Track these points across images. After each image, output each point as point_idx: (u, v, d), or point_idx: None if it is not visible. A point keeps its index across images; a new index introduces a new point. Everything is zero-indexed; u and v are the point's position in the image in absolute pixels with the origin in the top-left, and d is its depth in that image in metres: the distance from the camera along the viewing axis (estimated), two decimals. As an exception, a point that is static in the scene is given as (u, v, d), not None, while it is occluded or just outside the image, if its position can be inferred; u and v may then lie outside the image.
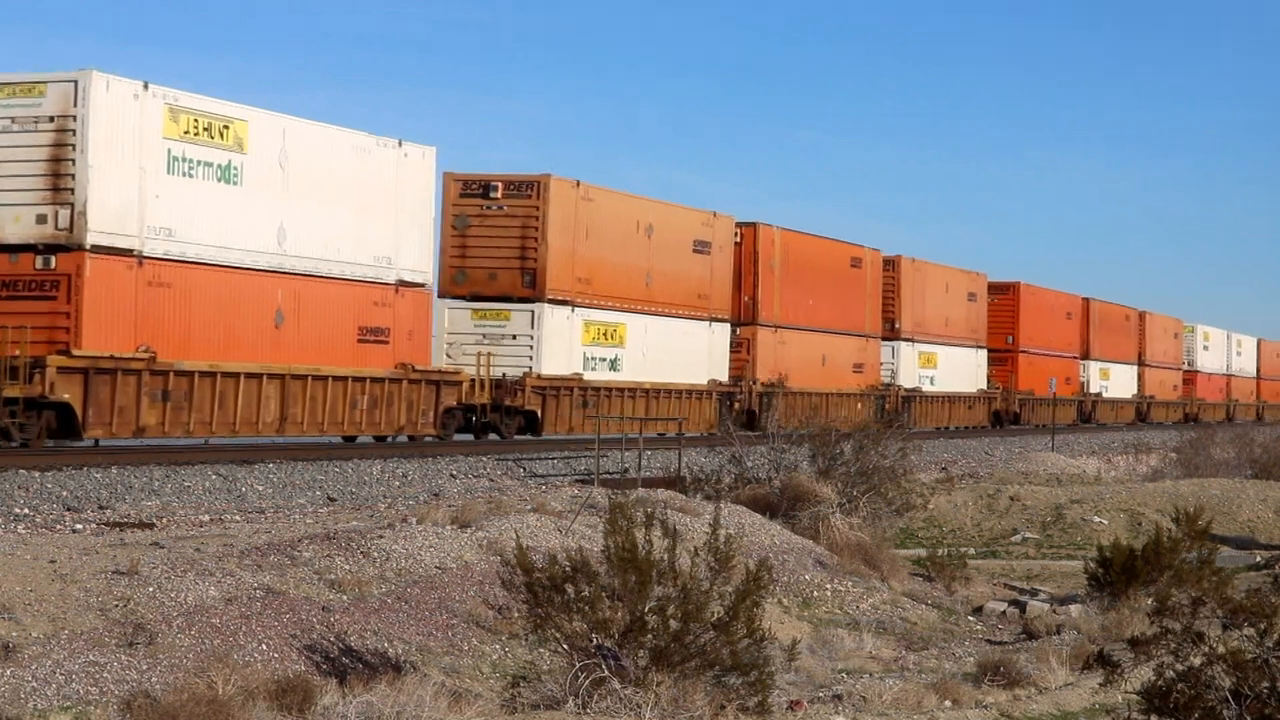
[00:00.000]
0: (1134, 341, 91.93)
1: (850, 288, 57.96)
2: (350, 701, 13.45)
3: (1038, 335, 76.10)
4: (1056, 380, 75.69)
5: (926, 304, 64.88)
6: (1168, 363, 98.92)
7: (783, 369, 52.21)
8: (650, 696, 13.77)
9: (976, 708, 15.70)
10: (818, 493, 26.99)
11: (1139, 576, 21.68)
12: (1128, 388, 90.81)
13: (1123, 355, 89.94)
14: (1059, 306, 79.83)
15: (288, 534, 19.45)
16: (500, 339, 40.94)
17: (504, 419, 40.10)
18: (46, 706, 13.03)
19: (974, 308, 69.78)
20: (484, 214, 41.14)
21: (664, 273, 46.36)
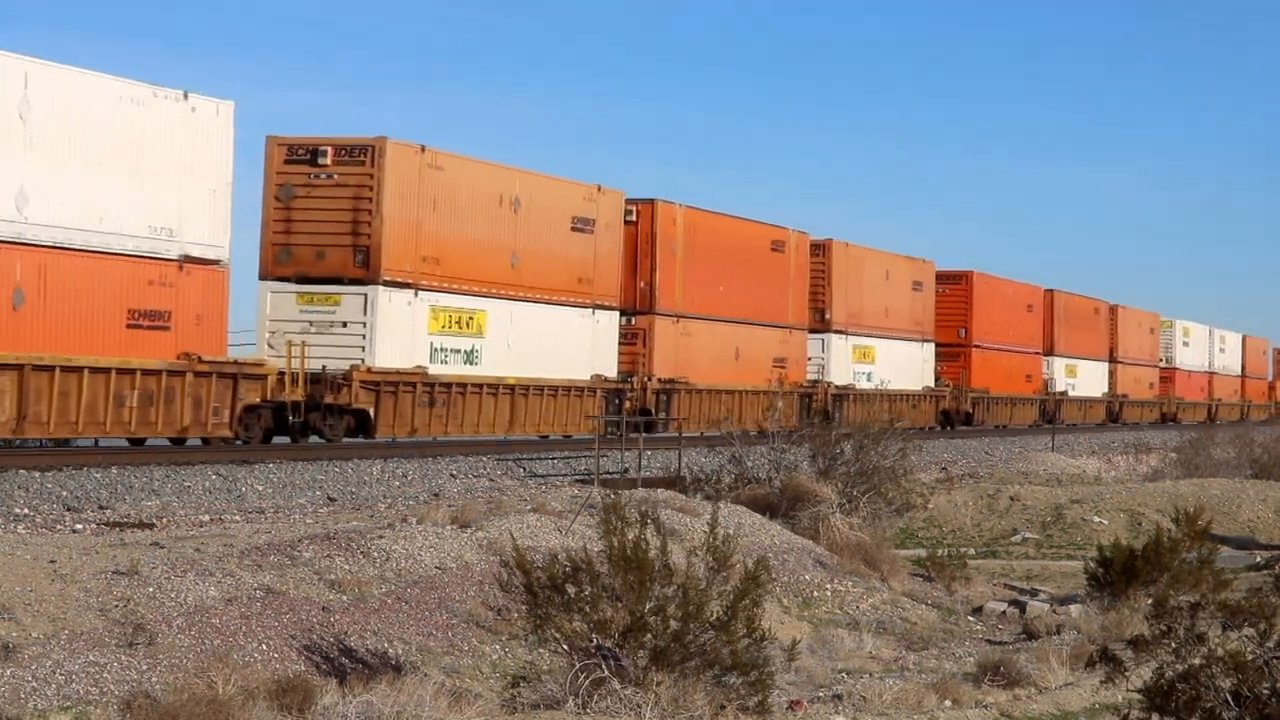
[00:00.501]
0: (1104, 337, 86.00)
1: (770, 274, 52.05)
2: (350, 701, 13.46)
3: (994, 329, 70.19)
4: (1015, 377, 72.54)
5: (863, 293, 58.98)
6: (1143, 359, 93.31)
7: (687, 363, 46.76)
8: (650, 696, 13.78)
9: (976, 708, 15.70)
10: (818, 493, 27.01)
11: (1139, 576, 21.68)
12: (1098, 386, 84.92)
13: (1092, 351, 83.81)
14: (1018, 298, 73.91)
15: (288, 534, 19.45)
16: (329, 327, 35.30)
17: (328, 419, 34.54)
18: (46, 706, 13.03)
19: (920, 298, 63.83)
20: (312, 183, 35.47)
21: (534, 253, 40.38)
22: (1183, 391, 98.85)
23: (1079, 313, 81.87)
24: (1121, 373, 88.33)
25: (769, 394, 48.95)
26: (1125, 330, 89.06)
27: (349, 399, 34.55)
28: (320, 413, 34.26)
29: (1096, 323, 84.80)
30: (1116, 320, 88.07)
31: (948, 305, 67.05)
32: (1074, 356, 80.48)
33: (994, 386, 69.55)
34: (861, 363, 59.01)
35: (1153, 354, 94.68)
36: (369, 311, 35.26)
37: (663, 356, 45.94)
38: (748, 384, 49.98)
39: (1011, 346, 71.89)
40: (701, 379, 47.38)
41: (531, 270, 40.31)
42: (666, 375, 45.78)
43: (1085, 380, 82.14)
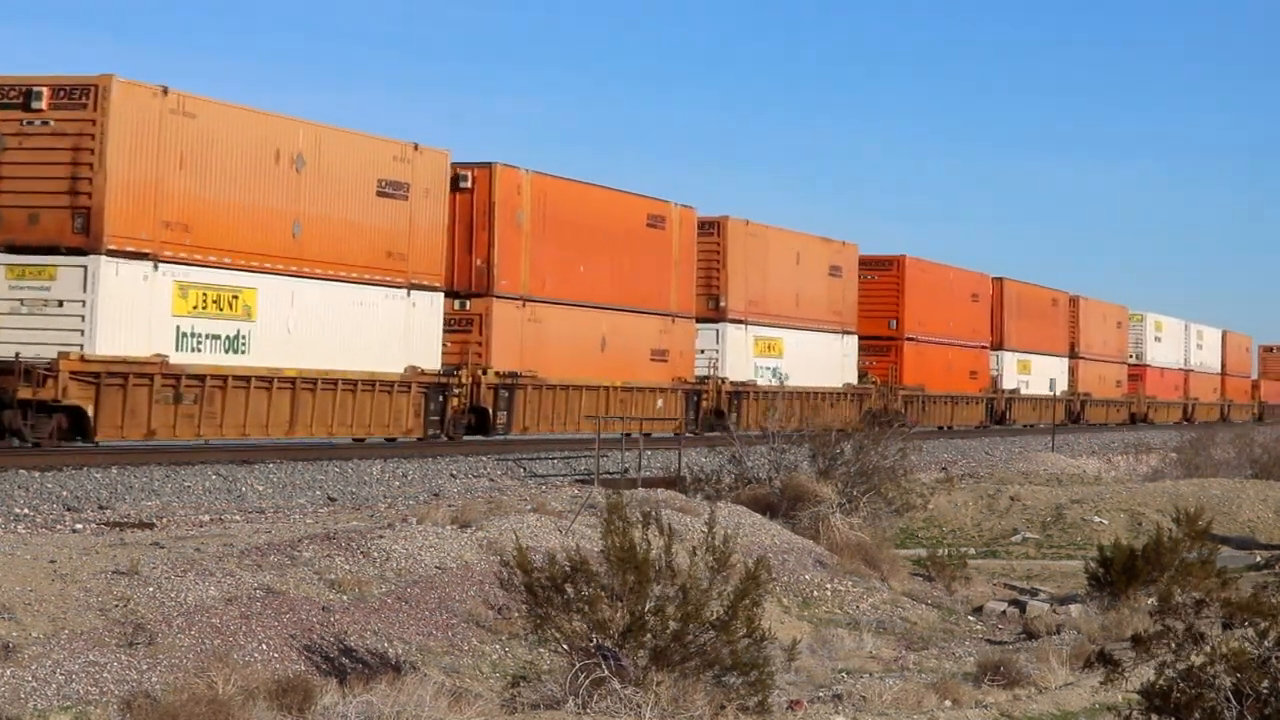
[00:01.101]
0: (1064, 330, 79.05)
1: (648, 254, 44.64)
2: (350, 701, 13.45)
3: (930, 320, 63.01)
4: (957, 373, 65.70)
5: (768, 278, 51.44)
6: (1109, 355, 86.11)
7: (535, 355, 39.99)
8: (650, 696, 13.77)
9: (976, 708, 15.70)
10: (818, 493, 27.01)
11: (1139, 576, 21.68)
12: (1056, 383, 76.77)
13: (1049, 345, 76.89)
14: (960, 286, 66.60)
15: (288, 534, 19.45)
16: (44, 306, 29.31)
17: (28, 418, 28.36)
18: (46, 706, 13.03)
19: (839, 285, 56.66)
20: (24, 132, 29.40)
21: (324, 220, 33.89)
22: (1155, 390, 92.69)
23: (1033, 304, 75.52)
24: (1084, 369, 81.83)
25: (648, 391, 44.42)
26: (1088, 323, 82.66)
27: (55, 394, 28.49)
28: (17, 410, 28.22)
29: (1054, 315, 78.27)
30: (1078, 312, 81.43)
31: (876, 294, 60.68)
32: (1027, 351, 74.21)
33: (931, 383, 62.96)
34: (766, 356, 51.54)
35: (1120, 350, 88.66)
36: (89, 288, 29.18)
37: (503, 347, 39.13)
38: (618, 379, 43.21)
39: (952, 340, 65.48)
40: (555, 373, 40.50)
41: (320, 242, 33.92)
42: (508, 368, 39.14)
43: (1041, 377, 75.06)
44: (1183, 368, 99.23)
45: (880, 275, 61.33)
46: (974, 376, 67.97)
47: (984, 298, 69.27)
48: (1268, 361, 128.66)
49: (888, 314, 61.53)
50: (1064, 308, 79.78)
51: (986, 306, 69.55)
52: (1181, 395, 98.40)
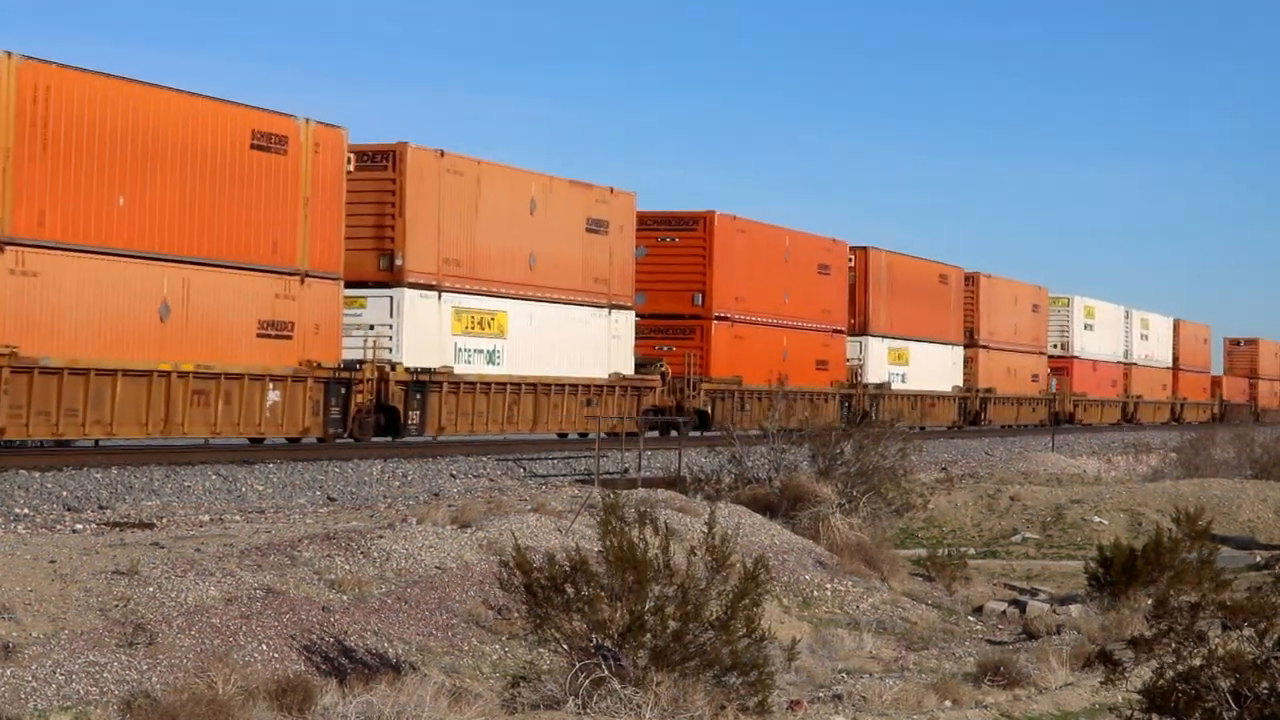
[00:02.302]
0: (956, 313, 66.64)
1: (253, 187, 32.52)
2: (350, 701, 13.45)
3: (754, 294, 50.73)
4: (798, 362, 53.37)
5: (481, 230, 38.92)
6: (1021, 344, 73.72)
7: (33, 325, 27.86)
8: (650, 696, 13.77)
9: (976, 708, 15.70)
10: (818, 493, 27.01)
11: (1139, 576, 21.67)
12: (945, 377, 65.24)
13: (935, 331, 64.43)
14: (803, 254, 54.23)
15: (288, 534, 19.45)
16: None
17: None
18: (46, 706, 13.03)
19: (604, 245, 43.75)
20: None
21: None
22: (1084, 385, 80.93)
23: (913, 280, 62.82)
24: (986, 361, 69.71)
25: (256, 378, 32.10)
26: (991, 306, 70.62)
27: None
28: None
29: (943, 295, 65.66)
30: (977, 292, 69.10)
31: (675, 260, 48.41)
32: (903, 337, 62.01)
33: (752, 375, 50.26)
34: (475, 335, 38.99)
35: (1038, 338, 76.15)
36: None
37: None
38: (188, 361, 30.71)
39: (788, 321, 53.17)
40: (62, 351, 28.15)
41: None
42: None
43: (924, 369, 63.13)
44: (1122, 360, 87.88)
45: (683, 237, 48.58)
46: (823, 367, 55.77)
47: (837, 270, 56.80)
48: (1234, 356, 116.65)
49: (690, 285, 48.47)
50: (957, 286, 67.11)
51: (842, 281, 57.30)
52: (1120, 392, 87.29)
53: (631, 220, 45.58)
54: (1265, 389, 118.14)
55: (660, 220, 48.84)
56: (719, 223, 49.27)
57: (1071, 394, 79.60)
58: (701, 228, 49.03)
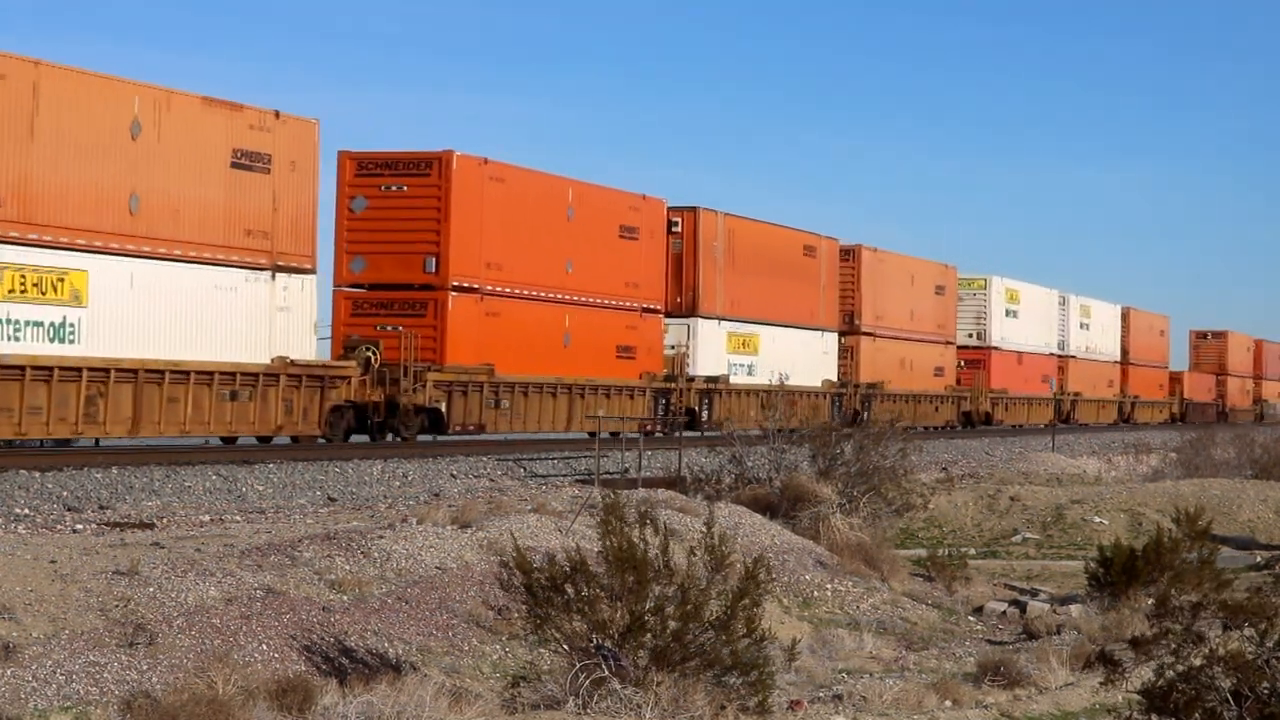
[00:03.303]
0: (829, 293, 56.37)
1: None
2: (350, 701, 13.46)
3: (514, 262, 40.22)
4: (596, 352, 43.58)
5: (33, 163, 28.95)
6: (920, 332, 63.38)
7: None
8: (650, 696, 13.78)
9: (977, 708, 15.70)
10: (818, 493, 27.01)
11: (1139, 577, 21.67)
12: (812, 369, 54.80)
13: (798, 314, 54.27)
14: (596, 213, 43.56)
15: (288, 534, 19.45)
16: None
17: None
18: (47, 706, 13.04)
19: (262, 187, 33.56)
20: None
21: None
22: (1005, 380, 70.29)
23: (766, 251, 52.21)
24: (869, 351, 59.64)
25: None
26: (878, 286, 60.27)
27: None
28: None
29: (810, 271, 55.06)
30: (859, 269, 58.83)
31: (400, 215, 38.20)
32: (751, 320, 51.54)
33: (510, 364, 40.09)
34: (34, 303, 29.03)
35: (943, 325, 65.75)
36: None
37: None
38: None
39: (571, 296, 42.80)
40: None
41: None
42: None
43: (780, 359, 50.80)
44: (1055, 352, 77.35)
45: (414, 184, 38.31)
46: (627, 355, 45.16)
47: (650, 234, 45.93)
48: (1201, 350, 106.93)
49: (422, 247, 38.27)
50: (830, 261, 56.50)
51: (658, 248, 46.76)
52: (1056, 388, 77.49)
53: (312, 155, 34.57)
54: (1235, 387, 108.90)
55: (385, 163, 38.58)
56: (460, 166, 38.23)
57: (988, 390, 68.39)
58: (436, 172, 38.11)
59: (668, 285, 47.93)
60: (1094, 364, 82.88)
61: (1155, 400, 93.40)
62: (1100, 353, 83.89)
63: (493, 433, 39.93)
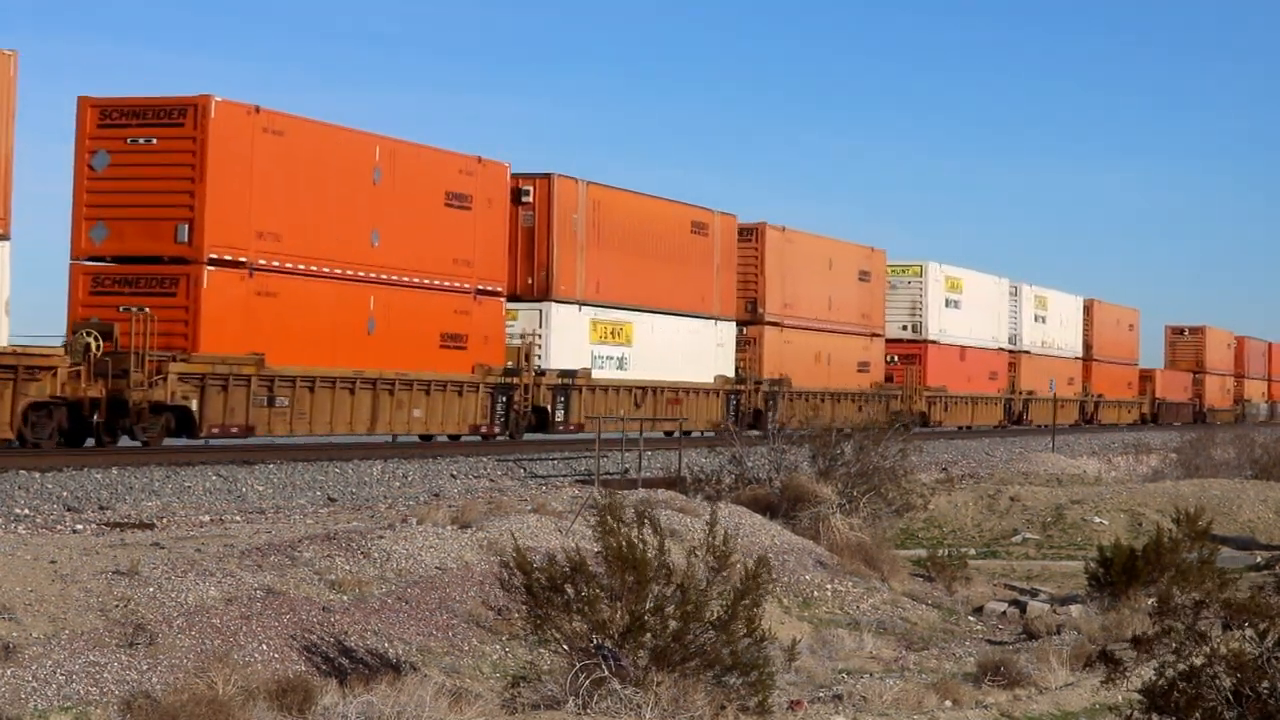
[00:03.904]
0: (725, 278, 49.41)
1: None
2: (350, 701, 13.45)
3: (298, 233, 34.03)
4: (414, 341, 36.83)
5: None
6: (839, 323, 56.39)
7: None
8: (650, 696, 13.77)
9: (977, 708, 15.69)
10: (818, 493, 27.01)
11: (1139, 577, 21.68)
12: (702, 362, 48.11)
13: (684, 300, 47.42)
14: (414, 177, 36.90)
15: (288, 534, 19.45)
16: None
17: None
18: (47, 706, 13.03)
19: None
20: None
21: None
22: (945, 377, 63.51)
23: (643, 227, 45.56)
24: (774, 343, 52.70)
25: None
26: (786, 270, 53.25)
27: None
28: None
29: (700, 252, 48.24)
30: (762, 250, 51.89)
31: (148, 173, 32.11)
32: (623, 306, 44.73)
33: (291, 354, 33.80)
34: None
35: (870, 315, 58.86)
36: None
37: None
38: None
39: (374, 274, 36.12)
40: None
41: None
42: None
43: (660, 352, 46.07)
44: (1005, 347, 70.61)
45: (165, 137, 32.12)
46: (456, 344, 38.31)
47: (487, 203, 39.03)
48: (1177, 347, 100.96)
49: (174, 212, 32.02)
50: (726, 241, 49.49)
51: (498, 220, 39.61)
52: (1003, 386, 70.36)
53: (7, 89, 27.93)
54: (1214, 386, 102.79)
55: (132, 111, 32.21)
56: (221, 114, 32.06)
57: (924, 387, 61.72)
58: (192, 121, 31.87)
59: (517, 264, 41.29)
60: (1051, 360, 76.01)
61: (1123, 399, 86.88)
62: (1059, 348, 77.21)
63: (265, 436, 33.35)
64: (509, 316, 40.82)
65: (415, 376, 36.88)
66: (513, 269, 41.25)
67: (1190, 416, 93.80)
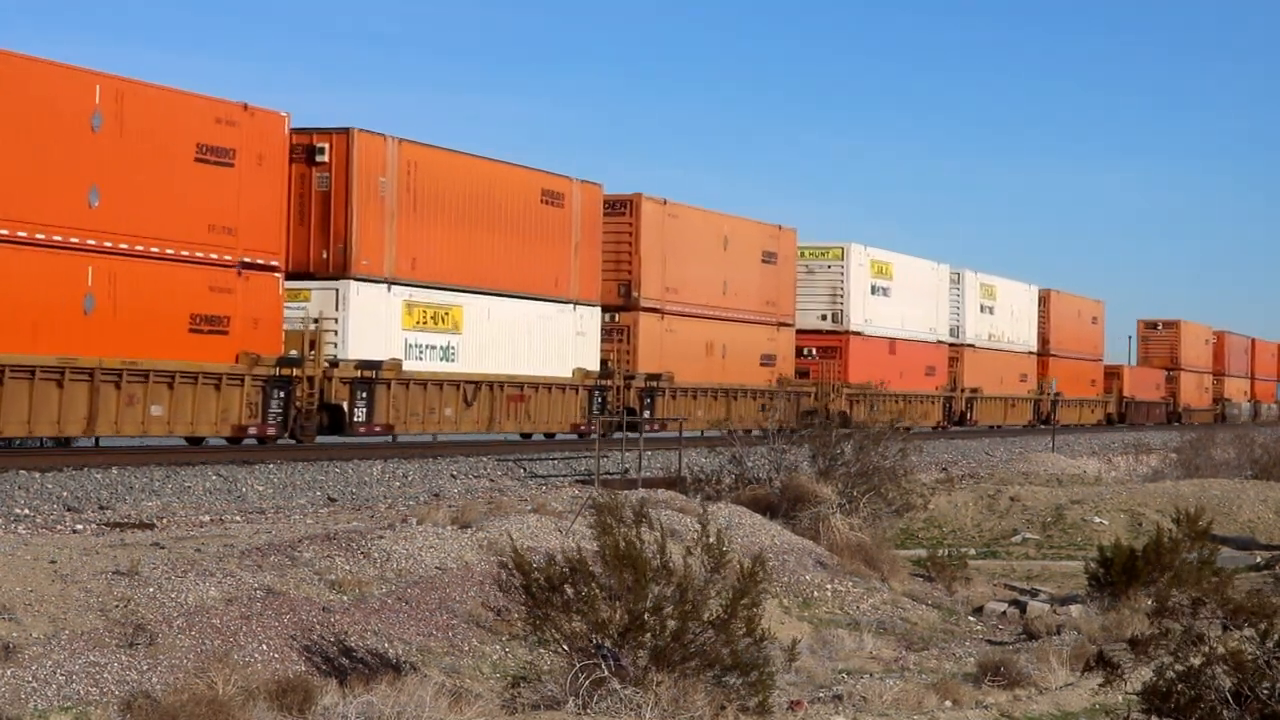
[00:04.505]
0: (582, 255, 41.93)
1: None
2: (350, 702, 13.45)
3: None
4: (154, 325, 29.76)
5: None
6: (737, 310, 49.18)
7: None
8: (650, 696, 13.77)
9: (977, 708, 15.69)
10: (818, 493, 27.01)
11: (1139, 577, 21.67)
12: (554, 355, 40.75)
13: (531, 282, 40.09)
14: (153, 129, 30.26)
15: (288, 534, 19.45)
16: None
17: None
18: (47, 707, 13.03)
19: None
20: None
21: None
22: (870, 371, 56.25)
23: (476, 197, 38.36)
24: (653, 332, 45.43)
25: None
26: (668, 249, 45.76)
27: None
28: None
29: (550, 226, 40.67)
30: (636, 226, 44.36)
31: None
32: (450, 287, 37.61)
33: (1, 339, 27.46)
34: None
35: (776, 302, 51.68)
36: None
37: None
38: None
39: (112, 243, 29.57)
40: None
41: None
42: None
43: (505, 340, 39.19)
44: (946, 339, 63.91)
45: None
46: (215, 329, 31.77)
47: (261, 161, 32.49)
48: (1150, 342, 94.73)
49: None
50: (587, 213, 42.22)
51: (277, 181, 33.18)
52: (942, 383, 62.70)
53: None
54: (1190, 384, 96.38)
55: None
56: None
57: (845, 384, 55.10)
58: None
59: (310, 235, 34.74)
60: (1000, 354, 69.23)
61: (1085, 398, 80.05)
62: (1010, 341, 70.50)
63: None
64: (296, 297, 33.88)
65: (151, 366, 29.85)
66: (303, 241, 34.61)
67: (1163, 417, 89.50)
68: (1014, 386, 70.25)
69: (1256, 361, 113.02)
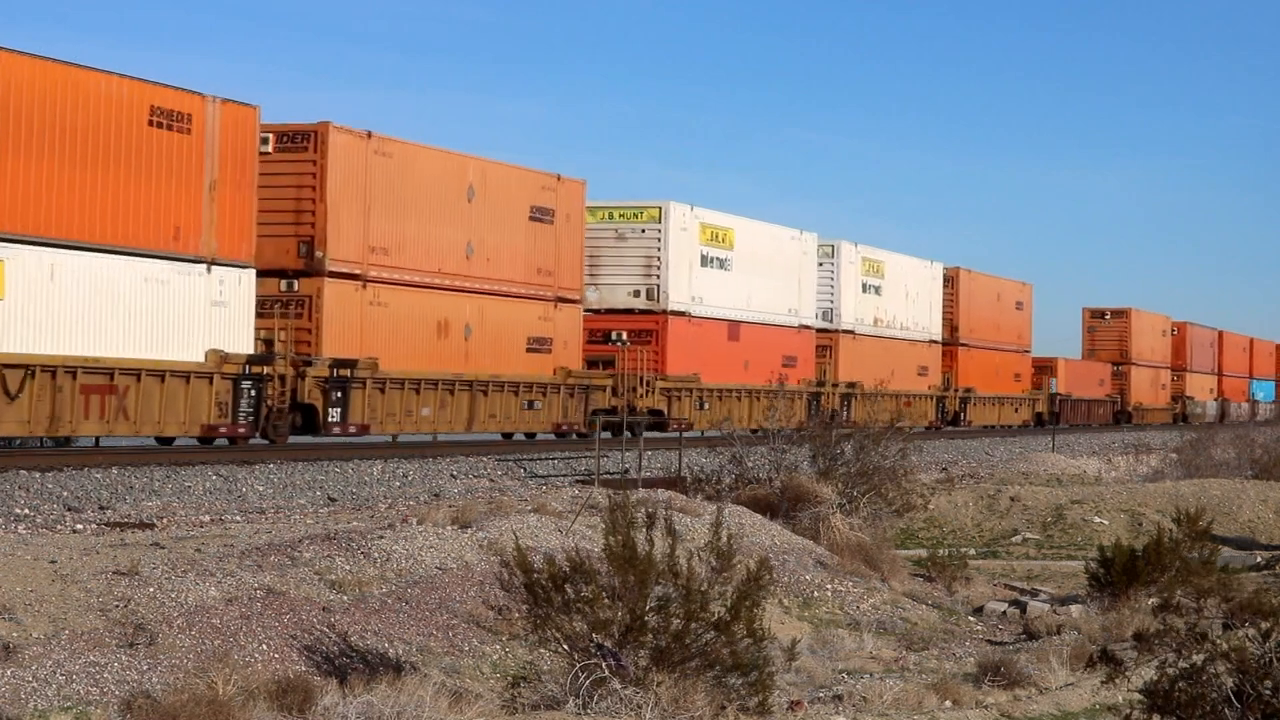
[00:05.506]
0: (221, 198, 30.82)
1: None
2: (350, 702, 13.45)
3: None
4: None
5: None
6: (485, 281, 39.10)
7: None
8: (651, 696, 13.77)
9: (977, 708, 15.69)
10: (818, 493, 27.00)
11: (1140, 577, 21.68)
12: (168, 335, 29.99)
13: (126, 232, 29.32)
14: None
15: (288, 534, 19.44)
16: None
17: None
18: (47, 706, 13.02)
19: None
20: None
21: None
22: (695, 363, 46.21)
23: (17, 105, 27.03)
24: (345, 305, 35.02)
25: None
26: (368, 199, 35.24)
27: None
28: None
29: (151, 156, 29.63)
30: (322, 164, 34.06)
31: None
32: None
33: None
34: None
35: (557, 273, 41.55)
36: None
37: None
38: None
39: None
40: None
41: None
42: None
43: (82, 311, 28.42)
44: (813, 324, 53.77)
45: None
46: None
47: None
48: (1097, 333, 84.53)
49: None
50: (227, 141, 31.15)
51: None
52: (807, 376, 52.78)
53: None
54: (1143, 379, 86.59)
55: None
56: None
57: (661, 375, 44.70)
58: None
59: None
60: (890, 342, 59.31)
61: (1006, 395, 69.46)
62: (904, 328, 60.33)
63: None
64: None
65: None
66: None
67: (1108, 416, 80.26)
68: (909, 381, 60.06)
69: (1224, 356, 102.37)
